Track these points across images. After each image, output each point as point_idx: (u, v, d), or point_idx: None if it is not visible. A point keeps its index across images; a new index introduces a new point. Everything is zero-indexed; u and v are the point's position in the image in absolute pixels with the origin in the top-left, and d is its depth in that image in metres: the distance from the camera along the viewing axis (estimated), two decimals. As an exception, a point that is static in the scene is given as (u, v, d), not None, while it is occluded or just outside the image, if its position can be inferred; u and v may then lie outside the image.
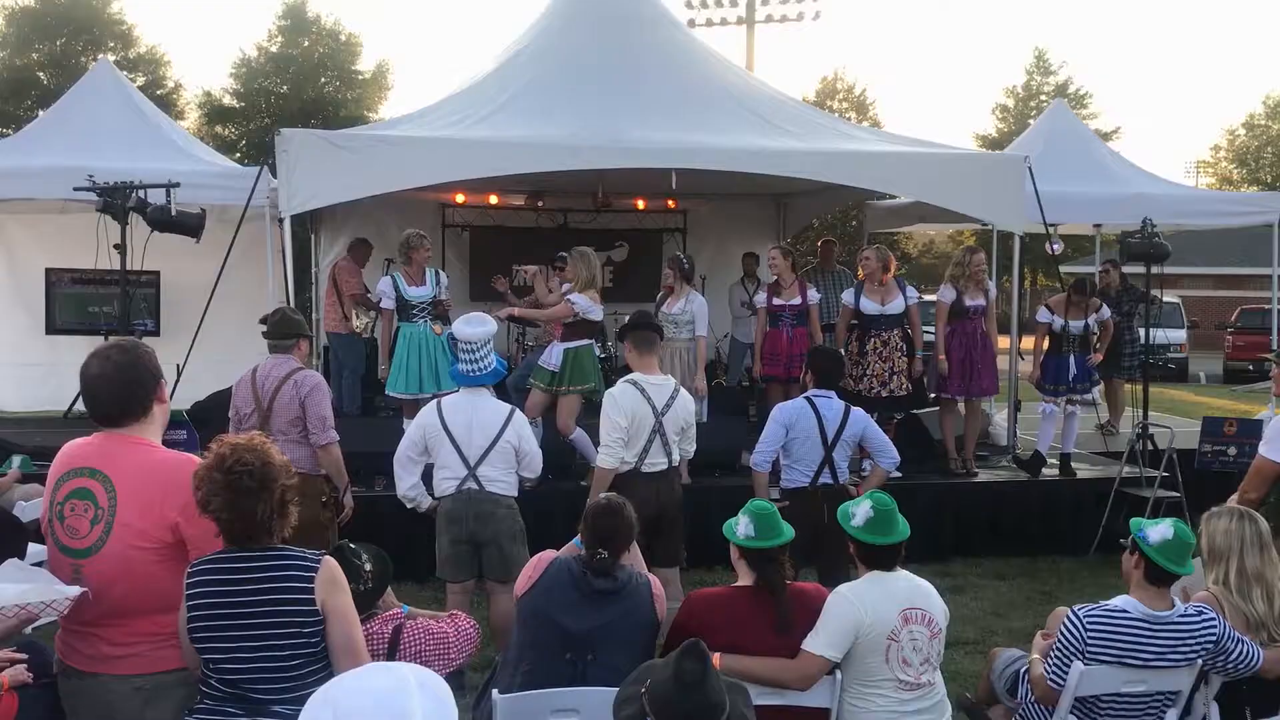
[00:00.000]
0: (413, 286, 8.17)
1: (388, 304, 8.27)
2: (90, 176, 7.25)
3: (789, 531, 3.92)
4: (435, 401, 5.55)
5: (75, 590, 2.95)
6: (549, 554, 4.09)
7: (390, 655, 3.73)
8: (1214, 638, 3.79)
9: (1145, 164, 12.33)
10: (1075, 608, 3.88)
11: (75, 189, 7.30)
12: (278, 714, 2.90)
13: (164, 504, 3.05)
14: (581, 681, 3.69)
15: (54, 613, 2.93)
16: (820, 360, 6.13)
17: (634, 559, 4.21)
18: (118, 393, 3.14)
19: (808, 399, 5.95)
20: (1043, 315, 9.01)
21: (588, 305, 7.65)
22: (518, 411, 5.54)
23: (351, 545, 3.91)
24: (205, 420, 7.50)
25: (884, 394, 8.30)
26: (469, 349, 5.39)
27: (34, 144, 9.81)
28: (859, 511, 3.88)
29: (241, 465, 2.90)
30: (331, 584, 2.97)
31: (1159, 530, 3.77)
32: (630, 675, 2.94)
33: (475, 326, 5.45)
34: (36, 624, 3.10)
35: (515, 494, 5.49)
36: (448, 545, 5.35)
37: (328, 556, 3.02)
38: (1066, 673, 3.78)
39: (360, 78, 39.34)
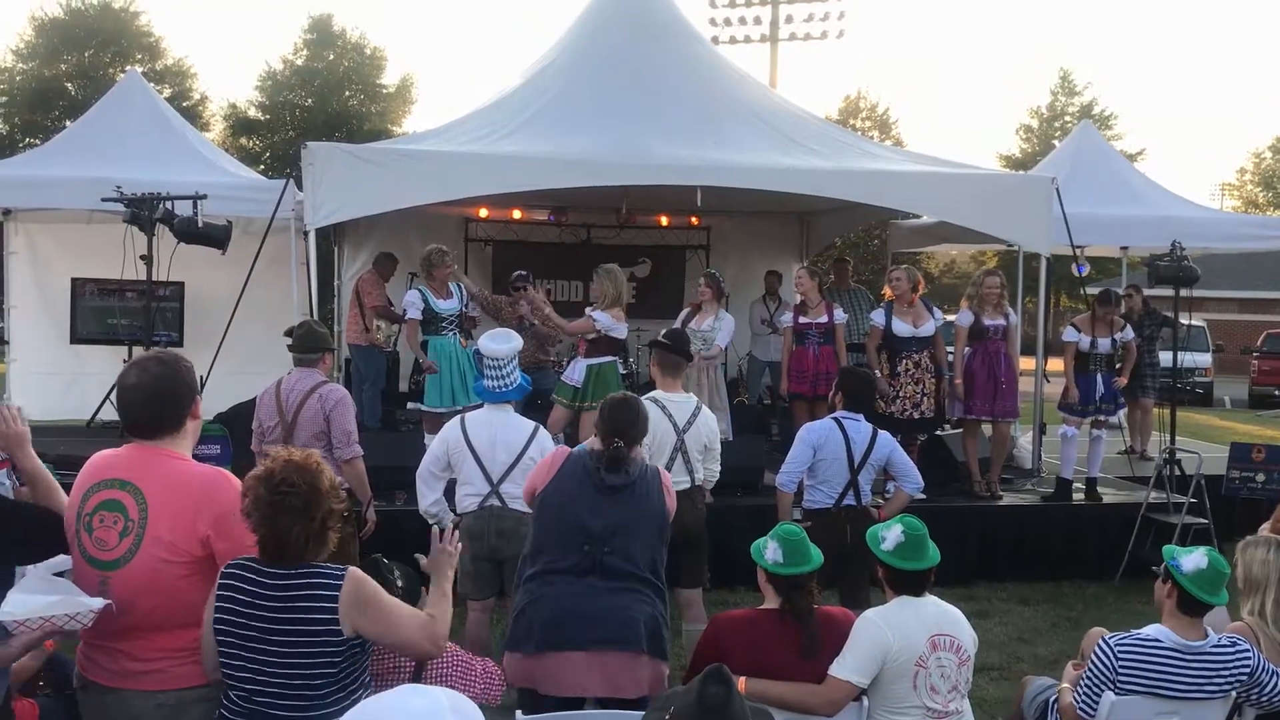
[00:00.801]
0: (440, 300, 8.17)
1: (414, 314, 8.27)
2: (118, 188, 7.28)
3: (818, 558, 3.85)
4: (459, 417, 5.52)
5: (99, 602, 2.91)
6: (564, 449, 4.36)
7: (416, 675, 3.70)
8: (1248, 669, 3.72)
9: (1169, 187, 12.20)
10: (1106, 636, 3.82)
11: (103, 200, 7.32)
12: None
13: (196, 517, 3.01)
14: (598, 571, 3.96)
15: (77, 625, 2.89)
16: (852, 383, 6.04)
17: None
18: (153, 405, 3.10)
19: (836, 420, 5.90)
20: (1069, 334, 8.91)
21: (611, 323, 7.63)
22: (542, 428, 5.50)
23: (385, 560, 3.88)
24: (230, 431, 7.52)
25: (916, 416, 8.25)
26: (495, 365, 5.36)
27: (63, 154, 9.88)
28: (889, 536, 3.82)
29: (289, 485, 2.86)
30: (356, 604, 2.92)
31: (1193, 559, 3.71)
32: (653, 702, 2.89)
33: (502, 343, 5.44)
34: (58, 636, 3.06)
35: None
36: (469, 562, 5.30)
37: (351, 570, 2.97)
38: (1097, 703, 3.72)
39: (384, 91, 39.63)
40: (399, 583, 3.74)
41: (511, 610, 4.19)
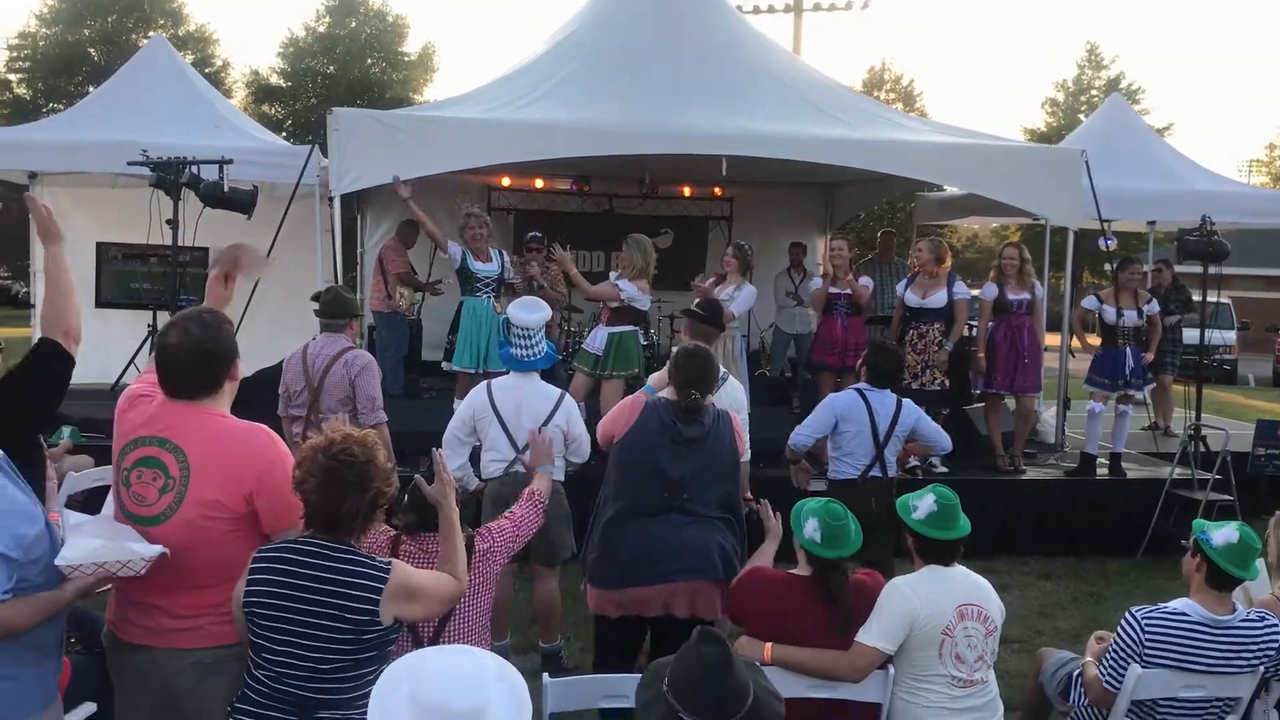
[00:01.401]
0: (478, 261, 8.14)
1: (453, 255, 8.18)
2: (144, 151, 7.29)
3: (857, 541, 3.79)
4: (485, 383, 5.52)
5: (154, 550, 2.87)
6: (641, 396, 4.58)
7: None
8: (1277, 644, 3.71)
9: (1197, 162, 12.05)
10: (1133, 609, 3.80)
11: (129, 163, 7.33)
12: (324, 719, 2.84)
13: (240, 474, 3.00)
14: (677, 512, 4.27)
15: (130, 571, 2.85)
16: (879, 360, 5.96)
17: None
18: (193, 367, 3.08)
19: (859, 391, 5.87)
20: (1089, 302, 8.84)
21: (635, 293, 7.62)
22: (567, 396, 5.51)
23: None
24: (249, 397, 7.53)
25: (914, 386, 8.16)
26: (523, 334, 5.35)
27: (89, 119, 9.89)
28: (921, 505, 3.79)
29: (347, 455, 2.84)
30: (398, 597, 2.89)
31: (1223, 533, 3.68)
32: (642, 679, 2.89)
33: (531, 312, 5.42)
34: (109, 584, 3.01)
35: (563, 478, 5.47)
36: (493, 526, 5.33)
37: (395, 564, 2.94)
38: (1122, 675, 3.70)
39: (406, 59, 39.55)
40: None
41: (591, 549, 4.48)
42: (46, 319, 3.34)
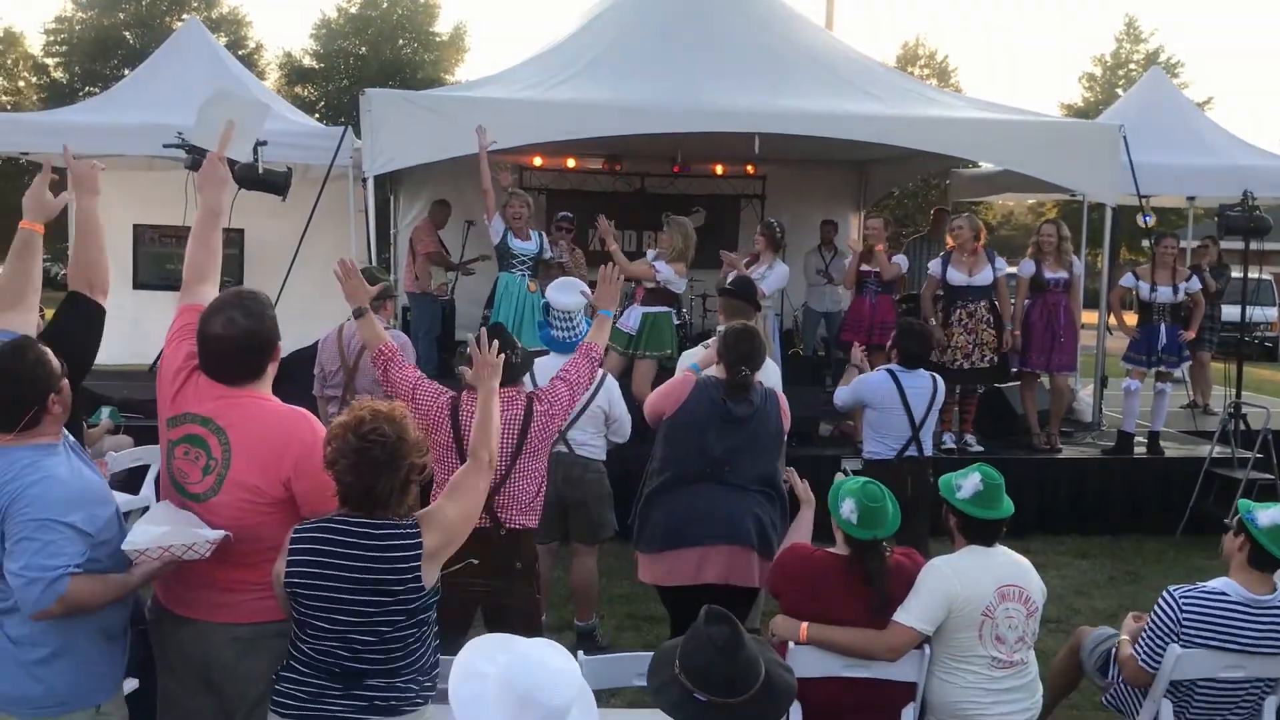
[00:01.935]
0: (517, 239, 8.14)
1: (494, 232, 8.19)
2: (179, 134, 7.29)
3: (894, 522, 3.76)
4: None
5: (217, 534, 2.92)
6: (691, 376, 4.66)
7: (525, 426, 4.00)
8: (1318, 625, 3.66)
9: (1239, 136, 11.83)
10: (1171, 588, 3.77)
11: (165, 145, 7.34)
12: (372, 687, 2.85)
13: (279, 460, 3.02)
14: (720, 482, 4.41)
15: (195, 555, 2.89)
16: (908, 343, 5.92)
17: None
18: (237, 357, 3.10)
19: (891, 372, 5.84)
20: (1127, 280, 8.74)
21: (671, 275, 7.61)
22: (609, 376, 5.51)
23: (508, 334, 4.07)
24: (284, 377, 7.57)
25: (966, 366, 8.15)
26: (564, 316, 5.34)
27: (124, 101, 9.95)
28: (966, 484, 3.76)
29: (377, 434, 2.83)
30: (436, 552, 2.91)
31: (1270, 514, 3.64)
32: (653, 663, 2.91)
33: (570, 295, 5.40)
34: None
35: (604, 458, 5.50)
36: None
37: (421, 518, 2.94)
38: (1160, 655, 3.68)
39: (438, 40, 39.55)
40: (515, 358, 3.99)
41: (639, 518, 4.63)
42: (73, 273, 3.44)
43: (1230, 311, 11.18)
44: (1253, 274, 8.74)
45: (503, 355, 3.55)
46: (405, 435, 2.89)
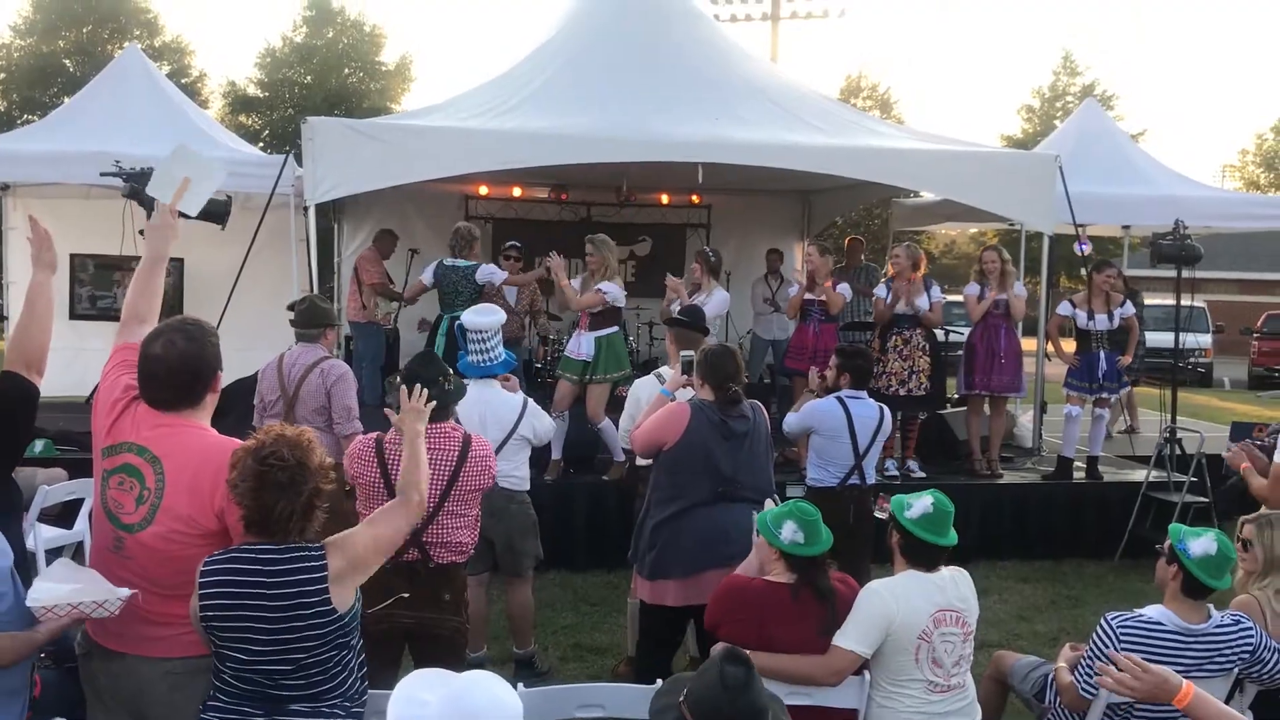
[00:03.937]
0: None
1: (428, 279, 8.18)
2: (117, 162, 7.19)
3: (829, 535, 3.83)
4: None
5: (126, 592, 2.90)
6: (683, 406, 4.65)
7: (460, 463, 4.06)
8: (1250, 647, 3.71)
9: (1172, 168, 12.12)
10: (1109, 615, 3.80)
11: (102, 174, 7.25)
12: (296, 713, 2.84)
13: (213, 491, 2.99)
14: (732, 500, 4.54)
15: (105, 612, 2.88)
16: (857, 362, 6.01)
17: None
18: (174, 379, 3.07)
19: (840, 400, 5.88)
20: (1063, 308, 8.89)
21: (618, 292, 7.66)
22: (531, 401, 5.47)
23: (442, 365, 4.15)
24: (226, 408, 7.46)
25: (902, 392, 8.22)
26: (479, 338, 5.27)
27: (61, 129, 9.81)
28: (917, 505, 3.77)
29: (276, 459, 2.83)
30: (344, 574, 2.90)
31: (1201, 544, 3.64)
32: (660, 689, 2.90)
33: (485, 316, 5.35)
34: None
35: (527, 487, 5.46)
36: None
37: (327, 545, 2.93)
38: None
39: (383, 69, 39.40)
40: (448, 385, 4.06)
41: (648, 545, 4.68)
42: (12, 345, 3.42)
43: (1161, 338, 11.39)
44: (1185, 301, 8.90)
45: (433, 402, 3.57)
46: (306, 460, 2.88)
